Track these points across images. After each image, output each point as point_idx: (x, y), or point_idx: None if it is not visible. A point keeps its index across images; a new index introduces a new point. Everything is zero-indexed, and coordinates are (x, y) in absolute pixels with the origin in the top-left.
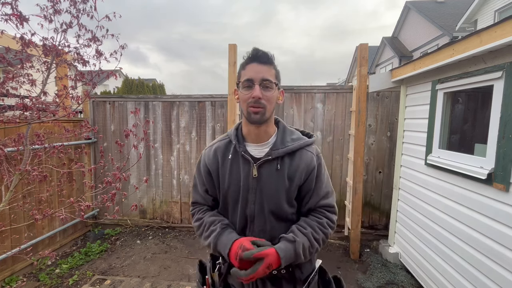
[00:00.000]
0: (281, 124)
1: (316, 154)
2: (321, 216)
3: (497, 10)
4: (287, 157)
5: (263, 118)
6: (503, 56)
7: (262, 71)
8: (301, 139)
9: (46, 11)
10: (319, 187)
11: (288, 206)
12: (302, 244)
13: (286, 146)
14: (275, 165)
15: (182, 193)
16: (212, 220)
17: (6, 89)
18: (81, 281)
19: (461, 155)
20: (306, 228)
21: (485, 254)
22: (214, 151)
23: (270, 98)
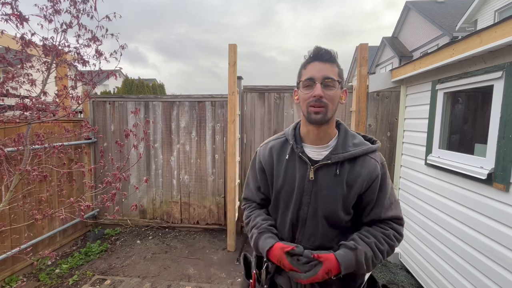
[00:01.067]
0: (343, 126)
1: (380, 162)
2: (387, 228)
3: (497, 10)
4: (348, 162)
5: (324, 118)
6: (503, 56)
7: (324, 69)
8: (364, 145)
9: (46, 11)
10: (383, 197)
11: (344, 213)
12: (364, 253)
13: (348, 151)
14: (334, 170)
15: (182, 193)
16: (257, 221)
17: (6, 89)
18: (81, 281)
19: (461, 155)
20: (369, 237)
21: (485, 254)
22: (269, 149)
23: (332, 97)
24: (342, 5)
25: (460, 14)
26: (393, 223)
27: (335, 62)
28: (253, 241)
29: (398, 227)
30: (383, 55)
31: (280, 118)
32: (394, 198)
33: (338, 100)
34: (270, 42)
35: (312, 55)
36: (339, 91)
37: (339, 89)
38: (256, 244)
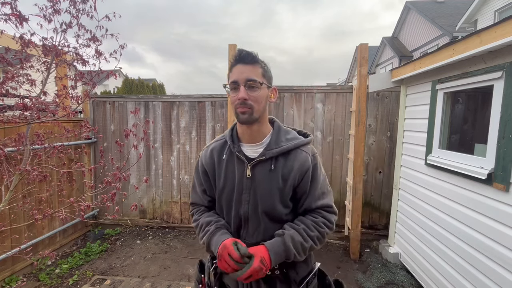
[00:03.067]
0: (276, 124)
1: (311, 154)
2: (317, 216)
3: (497, 10)
4: (282, 157)
5: (251, 118)
6: (503, 56)
7: (246, 71)
8: (296, 139)
9: (46, 11)
10: (315, 188)
11: (282, 206)
12: (291, 237)
13: (280, 146)
14: (269, 165)
15: (182, 193)
16: (208, 221)
17: (5, 89)
18: (81, 281)
19: (461, 155)
20: (299, 224)
21: (485, 254)
22: (210, 151)
23: (257, 98)
24: (341, 6)
25: (460, 14)
26: (323, 211)
27: (258, 63)
28: (207, 239)
29: (328, 215)
30: (383, 55)
31: (280, 118)
32: (326, 188)
33: (264, 99)
34: (270, 42)
35: (235, 58)
36: (265, 90)
37: (266, 88)
38: (209, 241)
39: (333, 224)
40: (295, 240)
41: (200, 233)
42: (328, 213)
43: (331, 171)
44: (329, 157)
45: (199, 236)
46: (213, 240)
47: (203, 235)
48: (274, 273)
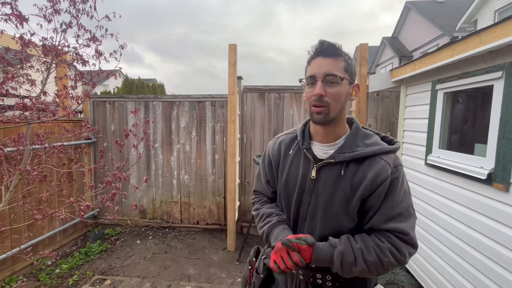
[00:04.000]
0: (355, 125)
1: (394, 165)
2: (385, 240)
3: (497, 10)
4: (354, 163)
5: (326, 118)
6: (503, 56)
7: (326, 65)
8: (377, 145)
9: (46, 11)
10: (389, 205)
11: (346, 218)
12: (342, 254)
13: (355, 151)
14: (338, 170)
15: (182, 193)
16: (270, 212)
17: (5, 89)
18: (81, 281)
19: (461, 155)
20: (357, 242)
21: (485, 254)
22: (279, 143)
23: (335, 95)
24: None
25: (460, 14)
26: (393, 237)
27: (341, 56)
28: (268, 229)
29: (398, 243)
30: (383, 55)
31: (280, 118)
32: (407, 211)
33: (344, 97)
34: (269, 42)
35: (315, 50)
36: (346, 87)
37: (346, 85)
38: (270, 232)
39: (404, 257)
40: (344, 260)
41: (260, 223)
42: (400, 241)
43: None
44: None
45: (259, 226)
46: (273, 232)
47: (264, 225)
48: (325, 283)
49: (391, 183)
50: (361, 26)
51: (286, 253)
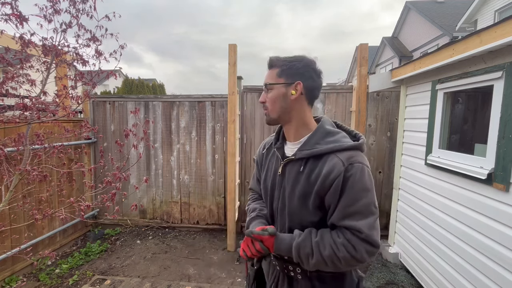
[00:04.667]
0: (321, 124)
1: (347, 162)
2: (340, 235)
3: (497, 10)
4: (313, 160)
5: (268, 119)
6: (503, 56)
7: (265, 77)
8: (336, 142)
9: (46, 11)
10: (346, 203)
11: (306, 213)
12: (299, 246)
13: (313, 148)
14: (299, 166)
15: (182, 193)
16: (253, 208)
17: (5, 89)
18: (81, 281)
19: (461, 155)
20: (317, 236)
21: (485, 254)
22: (263, 145)
23: (270, 99)
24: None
25: (460, 14)
26: (349, 233)
27: (274, 66)
28: (247, 223)
29: (354, 240)
30: (383, 55)
31: None
32: (366, 209)
33: (280, 99)
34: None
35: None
36: (281, 89)
37: (282, 88)
38: (248, 226)
39: (359, 254)
40: (301, 251)
41: (247, 217)
42: (356, 238)
43: None
44: None
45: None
46: (250, 225)
47: (247, 219)
48: (296, 275)
49: (345, 181)
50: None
51: (251, 243)
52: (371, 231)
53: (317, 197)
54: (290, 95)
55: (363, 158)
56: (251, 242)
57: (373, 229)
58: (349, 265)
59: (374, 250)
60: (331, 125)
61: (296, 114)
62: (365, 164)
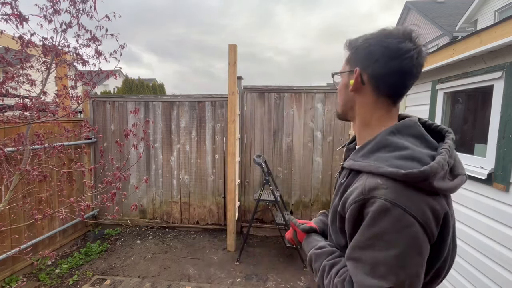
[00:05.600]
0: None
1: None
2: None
3: (497, 10)
4: (354, 174)
5: (336, 113)
6: (503, 56)
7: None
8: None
9: (46, 11)
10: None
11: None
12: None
13: (356, 161)
14: (343, 176)
15: (182, 193)
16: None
17: (5, 89)
18: (81, 281)
19: (461, 155)
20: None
21: (485, 254)
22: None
23: (338, 91)
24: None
25: (460, 14)
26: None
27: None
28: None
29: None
30: None
31: (280, 118)
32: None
33: (342, 89)
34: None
35: None
36: (345, 79)
37: (346, 76)
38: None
39: None
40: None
41: None
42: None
43: (331, 171)
44: (329, 157)
45: None
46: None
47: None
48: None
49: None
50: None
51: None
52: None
53: (340, 218)
54: (349, 87)
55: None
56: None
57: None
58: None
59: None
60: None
61: (359, 111)
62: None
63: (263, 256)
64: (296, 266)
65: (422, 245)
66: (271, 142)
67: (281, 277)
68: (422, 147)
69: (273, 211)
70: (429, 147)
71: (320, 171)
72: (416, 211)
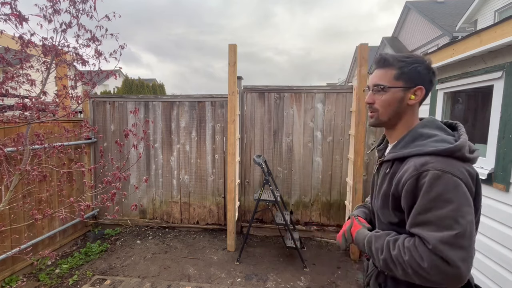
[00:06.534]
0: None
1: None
2: (411, 240)
3: (497, 10)
4: (398, 162)
5: (376, 122)
6: (503, 56)
7: (376, 76)
8: (422, 146)
9: (46, 11)
10: (416, 211)
11: (387, 212)
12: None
13: (399, 151)
14: (386, 167)
15: (182, 193)
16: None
17: (5, 89)
18: (81, 281)
19: None
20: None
21: (485, 254)
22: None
23: (383, 102)
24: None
25: (460, 14)
26: (417, 240)
27: (391, 66)
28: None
29: (421, 247)
30: None
31: (280, 118)
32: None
33: (395, 103)
34: (268, 43)
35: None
36: (397, 93)
37: (399, 91)
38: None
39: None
40: (372, 244)
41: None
42: (423, 246)
43: (331, 171)
44: (329, 157)
45: None
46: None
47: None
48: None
49: (418, 187)
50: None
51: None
52: (442, 246)
53: (393, 199)
54: (408, 100)
55: (446, 165)
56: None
57: (447, 245)
58: (420, 277)
59: (449, 270)
60: (433, 127)
61: (405, 118)
62: (447, 171)
63: (263, 256)
64: (296, 266)
65: (469, 198)
66: (271, 142)
67: (281, 277)
68: (445, 134)
69: (273, 211)
70: (449, 134)
71: (320, 171)
72: (459, 173)
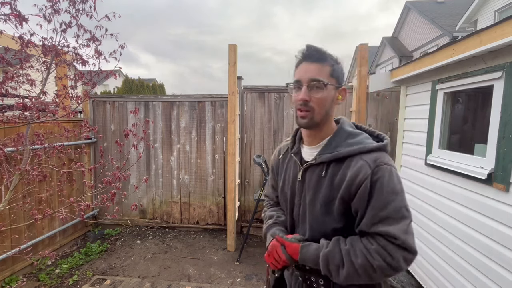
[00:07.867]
0: (341, 124)
1: (374, 164)
2: (373, 242)
3: (497, 10)
4: (335, 163)
5: (311, 122)
6: (503, 56)
7: (311, 70)
8: (359, 144)
9: (45, 11)
10: (375, 208)
11: (330, 219)
12: (327, 256)
13: (335, 151)
14: (321, 171)
15: (182, 193)
16: (270, 215)
17: (5, 89)
18: (81, 281)
19: (461, 155)
20: (346, 244)
21: (485, 254)
22: (278, 150)
23: (320, 100)
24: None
25: (460, 14)
26: (383, 240)
27: (326, 61)
28: (264, 231)
29: (389, 246)
30: (383, 55)
31: (280, 118)
32: (397, 213)
33: (329, 102)
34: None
35: (301, 54)
36: (332, 92)
37: (332, 90)
38: (265, 234)
39: (396, 261)
40: (330, 261)
41: (264, 225)
42: (391, 244)
43: None
44: None
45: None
46: (269, 233)
47: (264, 227)
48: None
49: (373, 184)
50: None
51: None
52: (406, 236)
53: (342, 203)
54: (336, 100)
55: (389, 160)
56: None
57: (408, 234)
58: (385, 275)
59: (412, 257)
60: (351, 126)
61: (330, 119)
62: (392, 165)
63: (263, 256)
64: None
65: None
66: (271, 142)
67: None
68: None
69: None
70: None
71: None
72: (395, 165)
